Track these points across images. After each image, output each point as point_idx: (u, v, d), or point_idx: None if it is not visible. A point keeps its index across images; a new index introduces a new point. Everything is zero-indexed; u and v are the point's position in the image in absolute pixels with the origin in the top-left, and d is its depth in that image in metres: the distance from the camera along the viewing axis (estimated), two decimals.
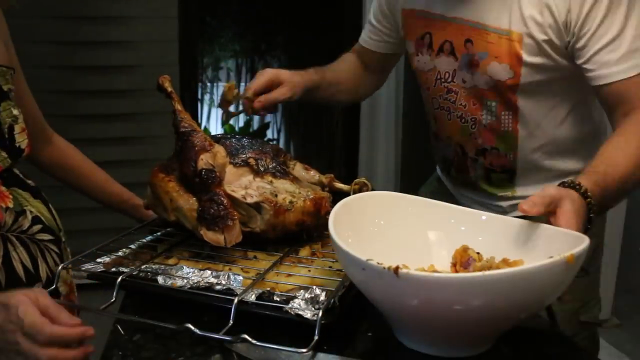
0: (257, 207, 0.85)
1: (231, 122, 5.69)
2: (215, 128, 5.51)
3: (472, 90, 1.06)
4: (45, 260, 0.88)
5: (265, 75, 1.13)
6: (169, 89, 0.97)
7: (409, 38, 1.15)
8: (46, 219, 0.91)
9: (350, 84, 1.30)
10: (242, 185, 0.88)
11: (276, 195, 0.86)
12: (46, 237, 0.90)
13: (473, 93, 1.06)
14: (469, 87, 1.06)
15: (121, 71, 2.27)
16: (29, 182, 0.93)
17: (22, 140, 0.90)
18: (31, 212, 0.89)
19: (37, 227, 0.89)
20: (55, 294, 0.78)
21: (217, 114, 5.61)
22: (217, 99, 5.64)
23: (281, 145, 5.28)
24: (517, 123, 1.05)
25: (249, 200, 0.85)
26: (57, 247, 0.92)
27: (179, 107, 0.94)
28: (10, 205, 0.86)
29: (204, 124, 5.22)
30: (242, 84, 5.57)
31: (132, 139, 2.38)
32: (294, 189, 0.89)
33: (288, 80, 1.13)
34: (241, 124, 5.68)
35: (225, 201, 0.82)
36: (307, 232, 0.91)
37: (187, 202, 0.84)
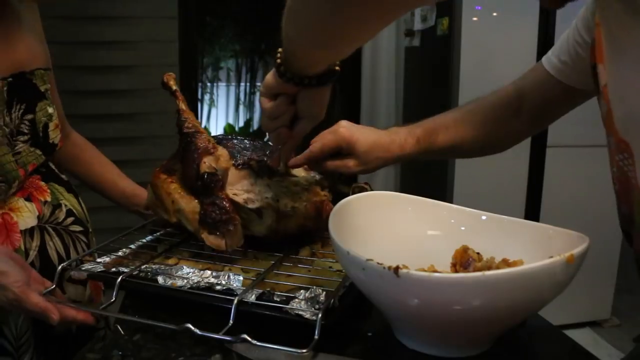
0: (258, 212, 0.85)
1: (230, 121, 5.69)
2: (215, 129, 5.52)
3: None
4: (76, 249, 0.96)
5: (336, 135, 0.91)
6: (174, 87, 0.96)
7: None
8: (78, 212, 0.99)
9: (472, 146, 0.98)
10: (243, 187, 0.87)
11: (277, 201, 0.86)
12: (77, 228, 0.98)
13: None
14: None
15: (121, 71, 2.28)
16: (63, 176, 1.01)
17: (55, 136, 0.96)
18: (65, 205, 0.97)
19: (70, 219, 0.97)
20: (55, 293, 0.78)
21: (217, 114, 5.62)
22: (217, 99, 5.64)
23: None
24: None
25: (251, 205, 0.84)
26: (86, 237, 1.00)
27: (183, 106, 0.94)
28: (49, 199, 0.94)
29: (204, 123, 5.22)
30: (242, 83, 5.58)
31: (132, 139, 2.38)
32: (295, 193, 0.89)
33: (362, 155, 0.91)
34: (241, 123, 5.68)
35: (227, 205, 0.82)
36: (308, 235, 0.91)
37: (189, 204, 0.84)
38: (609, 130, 0.64)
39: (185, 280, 0.74)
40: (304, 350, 0.60)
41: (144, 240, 0.92)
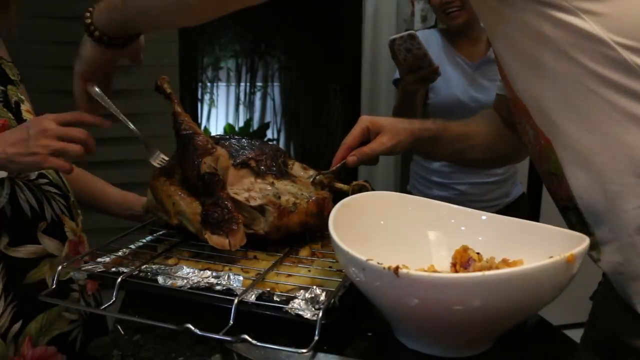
0: (260, 209, 0.85)
1: (230, 121, 5.69)
2: (215, 129, 5.52)
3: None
4: (50, 205, 0.99)
5: (360, 123, 0.95)
6: (168, 90, 0.96)
7: None
8: (53, 178, 1.03)
9: (485, 140, 1.02)
10: (244, 187, 0.88)
11: (279, 197, 0.86)
12: (52, 189, 1.02)
13: None
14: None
15: (121, 71, 2.27)
16: None
17: (27, 117, 1.02)
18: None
19: (43, 180, 1.01)
20: (54, 294, 0.78)
21: (217, 114, 5.62)
22: (217, 99, 5.64)
23: (281, 145, 5.28)
24: None
25: (253, 203, 0.85)
26: (65, 201, 1.04)
27: (178, 109, 0.94)
28: None
29: (203, 124, 5.21)
30: (242, 83, 5.58)
31: (132, 139, 2.38)
32: (296, 190, 0.89)
33: (389, 128, 0.94)
34: (241, 123, 5.68)
35: (229, 205, 0.82)
36: (310, 233, 0.91)
37: (190, 206, 0.84)
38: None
39: (185, 280, 0.74)
40: (304, 351, 0.60)
41: (144, 240, 0.92)
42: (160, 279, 0.74)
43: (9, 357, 0.91)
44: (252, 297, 0.69)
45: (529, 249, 0.69)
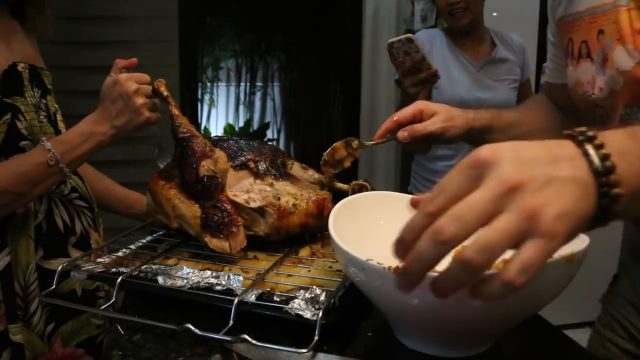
0: (260, 211, 0.84)
1: (230, 121, 5.69)
2: (215, 129, 5.51)
3: (613, 97, 0.77)
4: (80, 220, 1.08)
5: (414, 104, 0.92)
6: (165, 93, 0.96)
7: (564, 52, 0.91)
8: (82, 191, 1.11)
9: (538, 126, 1.01)
10: (243, 188, 0.87)
11: (279, 199, 0.86)
12: (82, 203, 1.10)
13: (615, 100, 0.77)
14: (607, 94, 0.78)
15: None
16: None
17: (62, 127, 1.10)
18: (70, 183, 1.09)
19: (75, 194, 1.09)
20: (55, 294, 0.78)
21: (217, 114, 5.61)
22: (217, 99, 5.64)
23: (281, 145, 5.28)
24: None
25: (253, 205, 0.84)
26: (91, 213, 1.12)
27: (176, 111, 0.94)
28: None
29: (203, 123, 5.21)
30: (242, 83, 5.58)
31: (132, 139, 2.38)
32: (296, 191, 0.89)
33: (444, 112, 0.91)
34: (241, 123, 5.68)
35: (228, 207, 0.82)
36: (309, 233, 0.91)
37: (190, 209, 0.84)
38: None
39: (185, 281, 0.74)
40: (304, 351, 0.60)
41: (144, 241, 0.92)
42: (160, 279, 0.74)
43: (48, 356, 0.99)
44: (252, 297, 0.69)
45: None
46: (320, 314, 0.64)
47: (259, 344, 0.62)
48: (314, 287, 0.70)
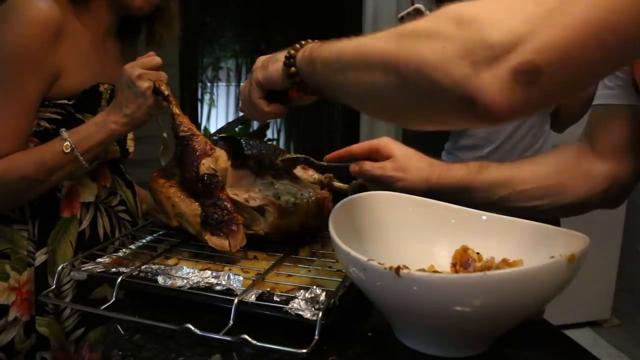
0: (260, 210, 0.84)
1: (230, 121, 5.70)
2: (215, 128, 5.51)
3: None
4: (120, 231, 1.12)
5: (375, 141, 0.88)
6: (166, 92, 0.96)
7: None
8: (130, 205, 1.17)
9: (544, 184, 0.84)
10: (243, 187, 0.87)
11: (279, 198, 0.86)
12: (126, 217, 1.16)
13: None
14: None
15: None
16: (127, 176, 1.21)
17: (130, 145, 1.18)
18: (120, 195, 1.15)
19: (121, 207, 1.15)
20: (56, 295, 0.78)
21: (217, 114, 5.61)
22: (217, 99, 5.65)
23: (281, 145, 5.28)
24: None
25: (252, 203, 0.84)
26: (132, 227, 1.14)
27: (177, 110, 0.94)
28: (108, 185, 1.13)
29: (204, 123, 5.21)
30: (242, 83, 5.58)
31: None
32: (296, 190, 0.89)
33: (399, 158, 0.86)
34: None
35: (228, 206, 0.82)
36: (309, 233, 0.91)
37: (190, 208, 0.84)
38: None
39: (185, 281, 0.74)
40: (304, 351, 0.60)
41: (144, 241, 0.92)
42: (160, 279, 0.74)
43: (70, 354, 1.04)
44: (252, 297, 0.69)
45: (529, 249, 0.69)
46: (320, 314, 0.64)
47: (259, 344, 0.62)
48: (314, 287, 0.70)
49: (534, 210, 0.85)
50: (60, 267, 0.81)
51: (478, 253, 0.71)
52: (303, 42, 0.70)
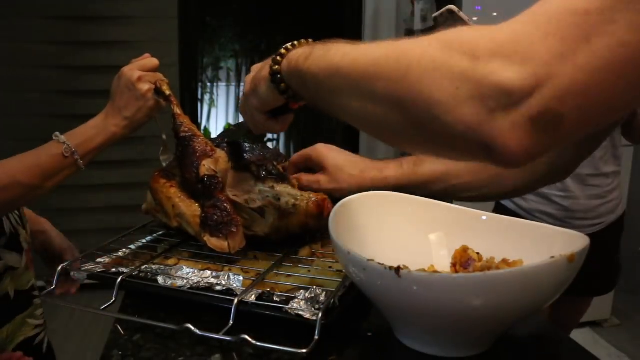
0: (260, 211, 0.85)
1: (230, 121, 5.69)
2: (215, 128, 5.52)
3: None
4: (8, 218, 1.01)
5: (309, 150, 0.90)
6: (167, 92, 0.96)
7: None
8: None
9: (478, 177, 0.87)
10: (243, 190, 0.87)
11: (279, 199, 0.86)
12: None
13: None
14: None
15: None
16: None
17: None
18: None
19: None
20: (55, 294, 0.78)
21: (217, 114, 5.62)
22: (217, 99, 5.65)
23: (281, 145, 5.28)
24: None
25: (253, 205, 0.84)
26: (18, 210, 1.05)
27: (178, 110, 0.94)
28: None
29: (204, 123, 5.21)
30: (242, 84, 5.58)
31: (132, 139, 2.38)
32: (296, 192, 0.89)
33: (330, 169, 0.87)
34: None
35: (228, 207, 0.82)
36: (309, 234, 0.91)
37: (190, 209, 0.84)
38: None
39: (185, 281, 0.74)
40: (304, 351, 0.60)
41: (144, 241, 0.92)
42: (160, 279, 0.74)
43: None
44: (252, 297, 0.69)
45: (529, 249, 0.69)
46: (320, 314, 0.64)
47: (259, 344, 0.62)
48: (314, 287, 0.70)
49: (473, 199, 0.88)
50: (60, 267, 0.81)
51: (478, 253, 0.71)
52: (283, 51, 0.64)
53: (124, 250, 0.87)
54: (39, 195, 0.93)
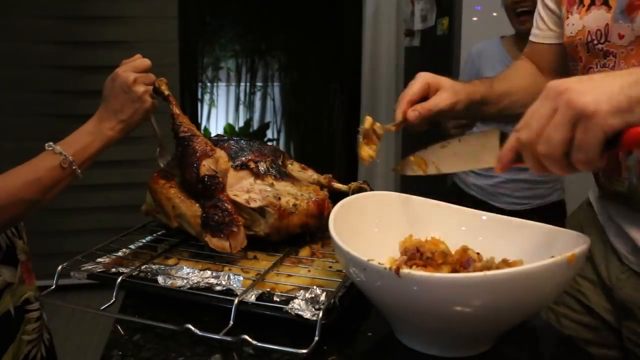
0: (261, 211, 0.84)
1: (230, 121, 5.69)
2: (215, 128, 5.52)
3: (634, 45, 0.77)
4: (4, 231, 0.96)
5: (420, 79, 0.91)
6: (166, 92, 0.96)
7: (561, 3, 0.93)
8: None
9: (525, 94, 1.00)
10: (243, 188, 0.87)
11: (279, 199, 0.86)
12: None
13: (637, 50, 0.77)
14: (629, 42, 0.78)
15: None
16: None
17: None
18: None
19: None
20: (54, 293, 0.78)
21: (217, 114, 5.61)
22: (217, 99, 5.65)
23: (281, 145, 5.28)
24: None
25: (253, 204, 0.84)
26: None
27: (177, 110, 0.94)
28: None
29: (203, 123, 5.21)
30: (242, 83, 5.57)
31: (131, 139, 2.38)
32: (296, 191, 0.89)
33: (449, 86, 0.90)
34: (241, 123, 5.68)
35: (229, 207, 0.82)
36: (310, 233, 0.91)
37: (190, 209, 0.84)
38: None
39: (185, 281, 0.74)
40: (304, 351, 0.60)
41: (143, 241, 0.92)
42: (160, 279, 0.74)
43: None
44: (252, 297, 0.69)
45: (529, 249, 0.69)
46: (320, 314, 0.64)
47: (259, 344, 0.62)
48: (314, 287, 0.70)
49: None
50: (60, 267, 0.81)
51: (478, 253, 0.71)
52: None
53: (124, 250, 0.87)
54: (39, 209, 0.90)
